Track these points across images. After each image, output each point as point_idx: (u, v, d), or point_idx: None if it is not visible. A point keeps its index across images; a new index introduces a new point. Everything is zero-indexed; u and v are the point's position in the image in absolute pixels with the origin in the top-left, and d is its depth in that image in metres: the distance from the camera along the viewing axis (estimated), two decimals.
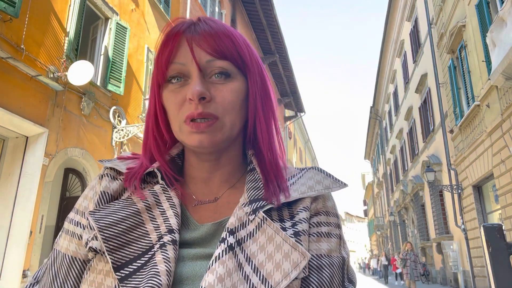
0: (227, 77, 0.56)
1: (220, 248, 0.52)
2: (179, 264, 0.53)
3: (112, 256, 0.51)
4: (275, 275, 0.50)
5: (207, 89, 0.54)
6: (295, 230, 0.55)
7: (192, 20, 0.59)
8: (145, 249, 0.52)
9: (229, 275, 0.49)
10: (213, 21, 0.59)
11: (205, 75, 0.55)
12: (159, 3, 9.24)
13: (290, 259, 0.51)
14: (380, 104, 26.51)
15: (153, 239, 0.53)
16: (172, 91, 0.56)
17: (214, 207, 0.60)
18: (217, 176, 0.62)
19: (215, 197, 0.61)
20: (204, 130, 0.54)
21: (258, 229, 0.54)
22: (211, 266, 0.50)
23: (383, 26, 20.20)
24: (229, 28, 0.59)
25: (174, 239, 0.53)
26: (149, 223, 0.55)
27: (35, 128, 5.68)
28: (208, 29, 0.56)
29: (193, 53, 0.54)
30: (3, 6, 4.92)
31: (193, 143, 0.55)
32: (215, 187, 0.62)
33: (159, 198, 0.58)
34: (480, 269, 9.75)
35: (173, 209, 0.57)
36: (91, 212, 0.55)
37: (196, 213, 0.60)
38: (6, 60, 5.10)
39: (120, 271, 0.50)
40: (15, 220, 5.43)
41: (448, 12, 10.78)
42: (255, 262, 0.51)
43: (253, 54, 0.60)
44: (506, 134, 7.75)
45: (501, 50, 6.67)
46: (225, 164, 0.62)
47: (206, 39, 0.55)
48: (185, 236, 0.56)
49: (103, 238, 0.52)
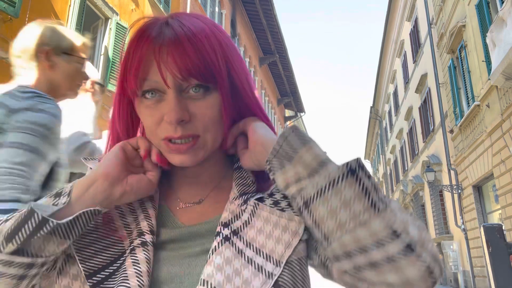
0: (205, 90, 0.53)
1: (216, 241, 0.52)
2: (158, 266, 0.53)
3: (84, 265, 0.51)
4: (277, 249, 0.51)
5: (185, 107, 0.52)
6: (288, 201, 0.56)
7: (161, 23, 0.54)
8: (117, 255, 0.52)
9: (228, 263, 0.50)
10: (181, 23, 0.53)
11: (181, 90, 0.52)
12: (159, 3, 9.25)
13: (288, 230, 0.53)
14: (380, 104, 26.50)
15: (126, 245, 0.53)
16: (148, 107, 0.53)
17: (201, 209, 0.60)
18: (202, 178, 0.62)
19: (200, 198, 0.61)
20: (186, 151, 0.53)
21: (253, 215, 0.55)
22: (209, 259, 0.50)
23: (383, 26, 20.20)
24: (197, 29, 0.53)
25: (144, 240, 0.53)
26: (122, 230, 0.55)
27: None
28: (174, 40, 0.51)
29: (161, 74, 0.50)
30: (3, 6, 4.92)
31: (174, 162, 0.55)
32: (200, 188, 0.62)
33: (133, 205, 0.57)
34: (480, 269, 9.75)
35: (144, 213, 0.56)
36: None
37: (182, 215, 0.59)
38: (6, 60, 5.10)
39: (92, 278, 0.50)
40: None
41: (448, 12, 10.78)
42: (256, 244, 0.52)
43: (225, 54, 0.55)
44: (506, 134, 7.75)
45: (501, 50, 6.67)
46: (209, 166, 0.61)
47: (172, 56, 0.50)
48: (168, 236, 0.56)
49: (75, 248, 0.52)
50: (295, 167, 0.50)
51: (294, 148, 0.51)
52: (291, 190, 0.50)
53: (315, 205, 0.47)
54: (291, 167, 0.50)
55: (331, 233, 0.46)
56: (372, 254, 0.44)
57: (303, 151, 0.50)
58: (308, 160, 0.49)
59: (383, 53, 22.42)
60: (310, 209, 0.48)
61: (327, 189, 0.46)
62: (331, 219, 0.46)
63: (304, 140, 0.51)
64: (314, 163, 0.49)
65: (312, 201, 0.47)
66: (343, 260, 0.47)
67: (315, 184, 0.47)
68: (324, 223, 0.47)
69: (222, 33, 0.57)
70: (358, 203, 0.45)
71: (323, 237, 0.48)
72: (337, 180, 0.46)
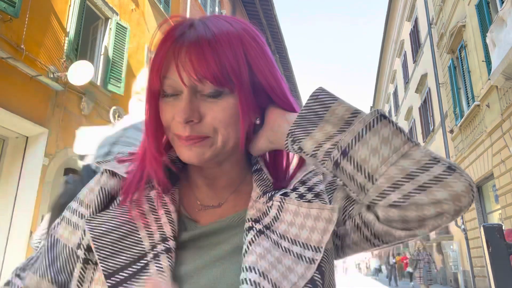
0: (219, 93, 0.53)
1: (251, 234, 0.53)
2: (179, 266, 0.53)
3: (104, 264, 0.51)
4: (313, 236, 0.53)
5: (197, 108, 0.53)
6: (314, 193, 0.58)
7: (186, 24, 0.55)
8: (137, 257, 0.52)
9: (268, 252, 0.51)
10: (206, 26, 0.54)
11: (196, 91, 0.53)
12: (159, 3, 9.24)
13: (321, 218, 0.54)
14: (380, 104, 26.50)
15: (146, 246, 0.53)
16: (167, 104, 0.55)
17: (220, 211, 0.60)
18: (220, 181, 0.62)
19: (219, 202, 0.61)
20: (193, 147, 0.54)
21: (281, 211, 0.56)
22: (248, 250, 0.51)
23: (383, 26, 20.20)
24: (220, 32, 0.53)
25: (168, 247, 0.53)
26: (142, 230, 0.55)
27: (35, 128, 5.68)
28: (194, 43, 0.52)
29: (179, 73, 0.52)
30: (3, 6, 4.92)
31: (182, 158, 0.56)
32: (219, 191, 0.62)
33: (154, 205, 0.58)
34: (480, 269, 9.75)
35: (168, 216, 0.56)
36: (88, 220, 0.55)
37: (200, 217, 0.60)
38: (6, 60, 5.10)
39: (111, 278, 0.50)
40: (15, 220, 5.42)
41: (448, 12, 10.78)
42: (290, 236, 0.54)
43: (249, 57, 0.55)
44: (506, 134, 7.75)
45: (501, 50, 6.67)
46: (227, 170, 0.61)
47: (191, 58, 0.51)
48: (187, 236, 0.56)
49: (95, 247, 0.52)
50: (323, 128, 0.54)
51: (326, 104, 0.54)
52: (325, 148, 0.53)
53: (355, 149, 0.51)
54: (318, 130, 0.54)
55: (375, 170, 0.50)
56: (420, 178, 0.49)
57: (336, 104, 0.54)
58: (341, 113, 0.54)
59: (383, 53, 22.42)
60: (349, 156, 0.51)
61: (365, 132, 0.51)
62: (373, 156, 0.50)
63: (334, 96, 0.55)
64: (347, 114, 0.53)
65: (351, 147, 0.51)
66: (391, 193, 0.50)
67: (351, 131, 0.51)
68: (367, 163, 0.50)
69: (250, 36, 0.57)
70: (396, 139, 0.51)
71: (367, 178, 0.50)
72: (372, 123, 0.51)
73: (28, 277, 0.60)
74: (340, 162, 0.52)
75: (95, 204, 0.58)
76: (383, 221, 0.53)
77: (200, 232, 0.57)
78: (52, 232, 0.61)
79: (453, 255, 11.55)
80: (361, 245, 0.57)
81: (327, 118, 0.54)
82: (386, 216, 0.52)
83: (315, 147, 0.54)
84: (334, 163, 0.52)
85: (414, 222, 0.50)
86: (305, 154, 0.55)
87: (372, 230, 0.55)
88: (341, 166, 0.52)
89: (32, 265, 0.61)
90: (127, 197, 0.57)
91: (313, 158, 0.54)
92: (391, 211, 0.51)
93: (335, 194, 0.61)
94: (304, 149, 0.55)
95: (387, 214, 0.51)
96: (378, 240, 0.55)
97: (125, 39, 7.73)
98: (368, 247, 0.57)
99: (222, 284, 0.51)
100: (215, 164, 0.59)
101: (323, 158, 0.53)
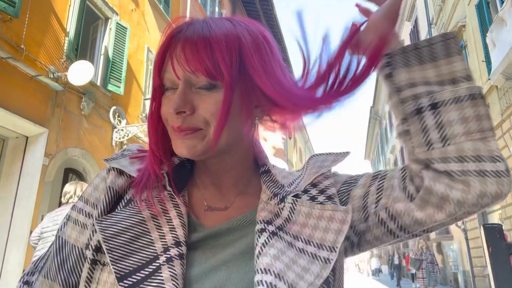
0: (212, 86, 0.53)
1: (264, 236, 0.53)
2: (189, 268, 0.53)
3: (116, 266, 0.50)
4: (328, 237, 0.53)
5: (191, 100, 0.53)
6: (326, 195, 0.58)
7: (185, 23, 0.56)
8: (150, 259, 0.52)
9: (283, 253, 0.51)
10: (205, 23, 0.55)
11: (191, 84, 0.53)
12: (159, 3, 9.24)
13: (335, 219, 0.54)
14: (380, 104, 26.49)
15: (158, 248, 0.53)
16: (166, 98, 0.56)
17: (227, 213, 0.60)
18: (225, 179, 0.61)
19: (226, 205, 0.61)
20: (185, 139, 0.54)
21: (293, 212, 0.56)
22: (262, 252, 0.51)
23: None
24: (218, 30, 0.54)
25: (182, 253, 0.52)
26: (154, 232, 0.54)
27: (35, 128, 5.68)
28: (189, 37, 0.53)
29: (173, 66, 0.53)
30: (3, 6, 4.92)
31: (176, 151, 0.55)
32: (225, 191, 0.62)
33: (166, 206, 0.57)
34: (480, 269, 9.75)
35: (180, 219, 0.56)
36: (98, 220, 0.54)
37: (206, 218, 0.59)
38: (6, 60, 5.10)
39: (124, 281, 0.49)
40: (15, 220, 5.42)
41: (448, 12, 10.78)
42: (304, 237, 0.54)
43: (244, 55, 0.54)
44: (506, 134, 7.75)
45: (501, 50, 6.67)
46: (232, 167, 0.61)
47: (184, 50, 0.52)
48: (195, 238, 0.56)
49: (107, 248, 0.51)
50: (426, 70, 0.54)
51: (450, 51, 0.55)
52: (416, 90, 0.54)
53: (447, 108, 0.52)
54: (419, 69, 0.54)
55: (453, 136, 0.51)
56: (485, 165, 0.51)
57: (458, 58, 0.55)
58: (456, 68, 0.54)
59: None
60: (438, 111, 0.52)
61: (466, 99, 0.52)
62: (460, 124, 0.51)
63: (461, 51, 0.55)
64: (460, 73, 0.54)
65: (445, 104, 0.52)
66: (452, 163, 0.52)
67: (454, 91, 0.52)
68: (451, 126, 0.52)
69: (252, 34, 0.56)
70: (487, 122, 0.52)
71: (441, 138, 0.52)
72: (476, 95, 0.52)
73: (38, 281, 0.59)
74: (424, 111, 0.53)
75: (103, 203, 0.58)
76: (424, 190, 0.53)
77: (207, 234, 0.56)
78: (60, 234, 0.61)
79: (453, 255, 11.55)
80: (382, 239, 0.58)
81: (440, 64, 0.55)
82: (432, 184, 0.52)
83: (407, 83, 0.54)
84: (417, 109, 0.53)
85: (452, 202, 0.52)
86: (391, 82, 0.56)
87: (399, 222, 0.56)
88: (423, 115, 0.53)
89: (41, 268, 0.60)
90: (138, 196, 0.57)
91: (396, 92, 0.55)
92: (442, 177, 0.52)
93: (352, 193, 0.61)
94: (393, 77, 0.55)
95: (435, 183, 0.52)
96: (403, 232, 0.56)
97: (125, 39, 7.73)
98: (390, 239, 0.58)
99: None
100: (216, 160, 0.59)
101: (407, 98, 0.54)
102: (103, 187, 0.60)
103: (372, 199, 0.58)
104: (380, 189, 0.58)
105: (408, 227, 0.55)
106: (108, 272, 0.52)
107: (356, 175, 0.64)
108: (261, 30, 0.58)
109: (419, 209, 0.54)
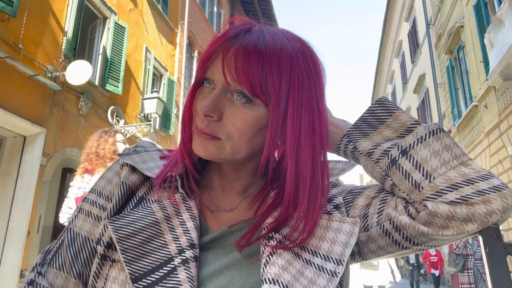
0: (248, 102, 0.53)
1: (270, 244, 0.53)
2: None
3: (130, 267, 0.50)
4: (335, 249, 0.52)
5: (221, 107, 0.53)
6: (334, 204, 0.58)
7: (242, 30, 0.56)
8: (164, 260, 0.52)
9: (290, 264, 0.51)
10: (263, 34, 0.54)
11: (228, 91, 0.53)
12: (157, 3, 9.23)
13: (342, 231, 0.54)
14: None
15: (172, 250, 0.53)
16: (202, 94, 0.56)
17: (231, 216, 0.60)
18: (236, 185, 0.62)
19: (232, 207, 0.61)
20: (203, 140, 0.54)
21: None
22: (269, 260, 0.51)
23: (382, 26, 20.22)
24: (274, 45, 0.53)
25: (196, 255, 0.53)
26: (167, 234, 0.54)
27: (33, 128, 5.66)
28: (244, 46, 0.52)
29: (223, 68, 0.52)
30: (1, 6, 4.90)
31: (194, 148, 0.56)
32: (232, 195, 0.62)
33: (179, 208, 0.57)
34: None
35: (193, 221, 0.56)
36: (111, 220, 0.54)
37: (212, 219, 0.60)
38: (4, 59, 5.08)
39: (138, 283, 0.49)
40: (12, 220, 5.41)
41: (446, 13, 10.80)
42: (310, 247, 0.53)
43: (292, 82, 0.53)
44: (503, 135, 7.77)
45: (499, 51, 6.69)
46: (244, 176, 0.61)
47: (236, 58, 0.52)
48: (202, 241, 0.56)
49: (121, 249, 0.51)
50: (382, 132, 0.58)
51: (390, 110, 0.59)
52: (383, 147, 0.57)
53: (416, 149, 0.54)
54: (376, 133, 0.58)
55: (434, 170, 0.53)
56: (479, 185, 0.51)
57: (400, 112, 0.59)
58: (404, 119, 0.58)
59: (381, 54, 22.45)
60: (409, 154, 0.54)
61: (428, 137, 0.55)
62: (434, 158, 0.53)
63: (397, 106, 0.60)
64: (410, 122, 0.58)
65: (413, 147, 0.54)
66: (448, 193, 0.52)
67: (414, 134, 0.55)
68: (427, 162, 0.53)
69: (305, 62, 0.55)
70: (457, 148, 0.54)
71: (425, 176, 0.53)
72: (435, 131, 0.55)
73: (51, 274, 0.59)
74: (398, 159, 0.54)
75: (117, 198, 0.58)
76: (428, 214, 0.52)
77: (212, 237, 0.57)
78: (71, 226, 0.61)
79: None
80: (387, 249, 0.57)
81: (389, 123, 0.58)
82: (435, 210, 0.52)
83: (372, 146, 0.57)
84: (391, 161, 0.55)
85: (457, 220, 0.52)
86: (359, 152, 0.57)
87: (404, 234, 0.54)
88: (398, 163, 0.54)
89: (52, 260, 0.60)
90: (157, 187, 0.58)
91: (366, 156, 0.57)
92: (441, 205, 0.52)
93: (354, 203, 0.60)
94: (359, 148, 0.58)
95: (436, 207, 0.52)
96: (409, 243, 0.55)
97: (124, 38, 7.72)
98: (396, 250, 0.57)
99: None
100: (231, 167, 0.59)
101: (379, 156, 0.56)
102: (117, 181, 0.61)
103: (373, 210, 0.58)
104: (384, 201, 0.58)
105: (414, 238, 0.54)
106: (119, 269, 0.53)
107: (361, 186, 0.64)
108: (313, 54, 0.57)
109: (425, 225, 0.53)
